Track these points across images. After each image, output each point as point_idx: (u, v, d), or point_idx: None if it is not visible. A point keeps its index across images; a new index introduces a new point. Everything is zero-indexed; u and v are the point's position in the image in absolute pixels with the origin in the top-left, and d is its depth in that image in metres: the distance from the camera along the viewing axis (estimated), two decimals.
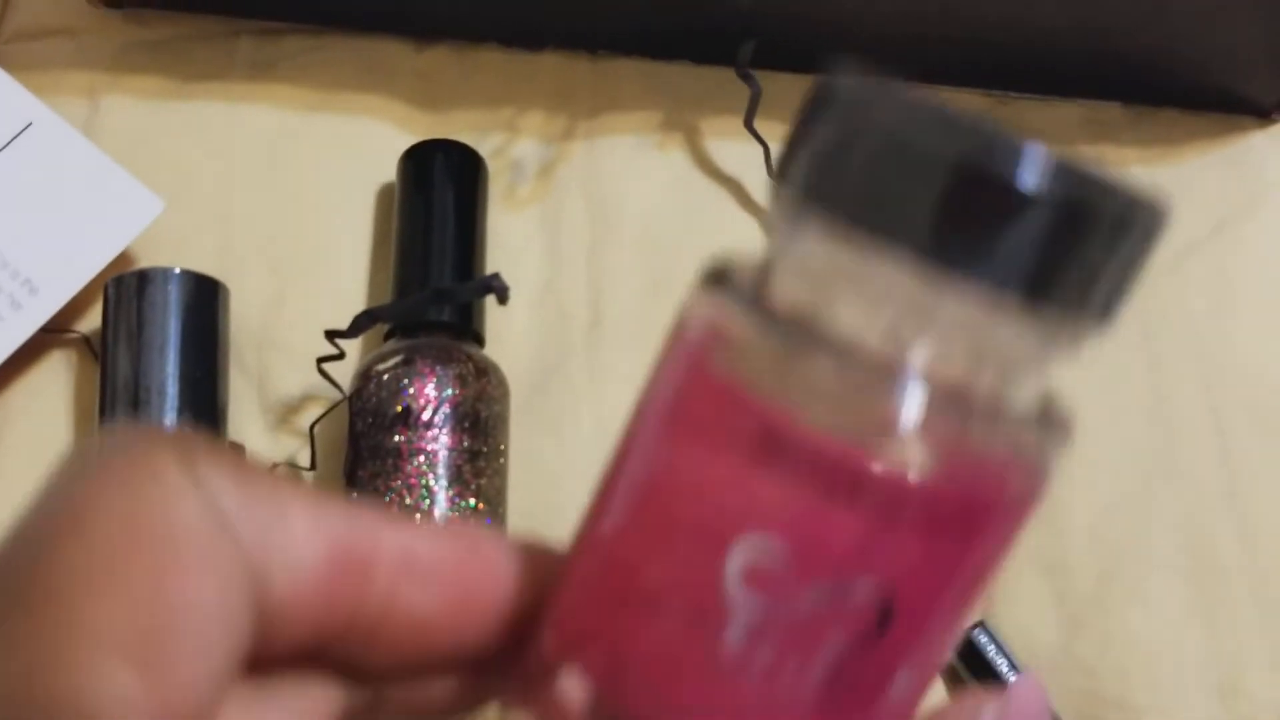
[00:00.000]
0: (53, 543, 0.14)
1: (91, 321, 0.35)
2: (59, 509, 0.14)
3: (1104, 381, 0.37)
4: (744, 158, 0.39)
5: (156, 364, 0.32)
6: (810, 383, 0.14)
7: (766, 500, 0.14)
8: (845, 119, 0.15)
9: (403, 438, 0.31)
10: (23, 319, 0.33)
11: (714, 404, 0.15)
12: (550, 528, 0.33)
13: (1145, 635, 0.33)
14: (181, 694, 0.14)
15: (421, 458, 0.31)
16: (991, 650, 0.32)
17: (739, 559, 0.15)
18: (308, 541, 0.16)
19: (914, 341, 0.14)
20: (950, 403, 0.14)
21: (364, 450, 0.32)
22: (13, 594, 0.14)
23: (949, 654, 0.16)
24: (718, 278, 0.15)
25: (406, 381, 0.32)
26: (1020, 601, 0.34)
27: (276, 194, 0.38)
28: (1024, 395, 0.15)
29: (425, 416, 0.31)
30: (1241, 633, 0.34)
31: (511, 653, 0.17)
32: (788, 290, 0.15)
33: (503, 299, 0.33)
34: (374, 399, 0.32)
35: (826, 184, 0.14)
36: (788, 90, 0.40)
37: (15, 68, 0.36)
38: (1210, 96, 0.41)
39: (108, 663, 0.13)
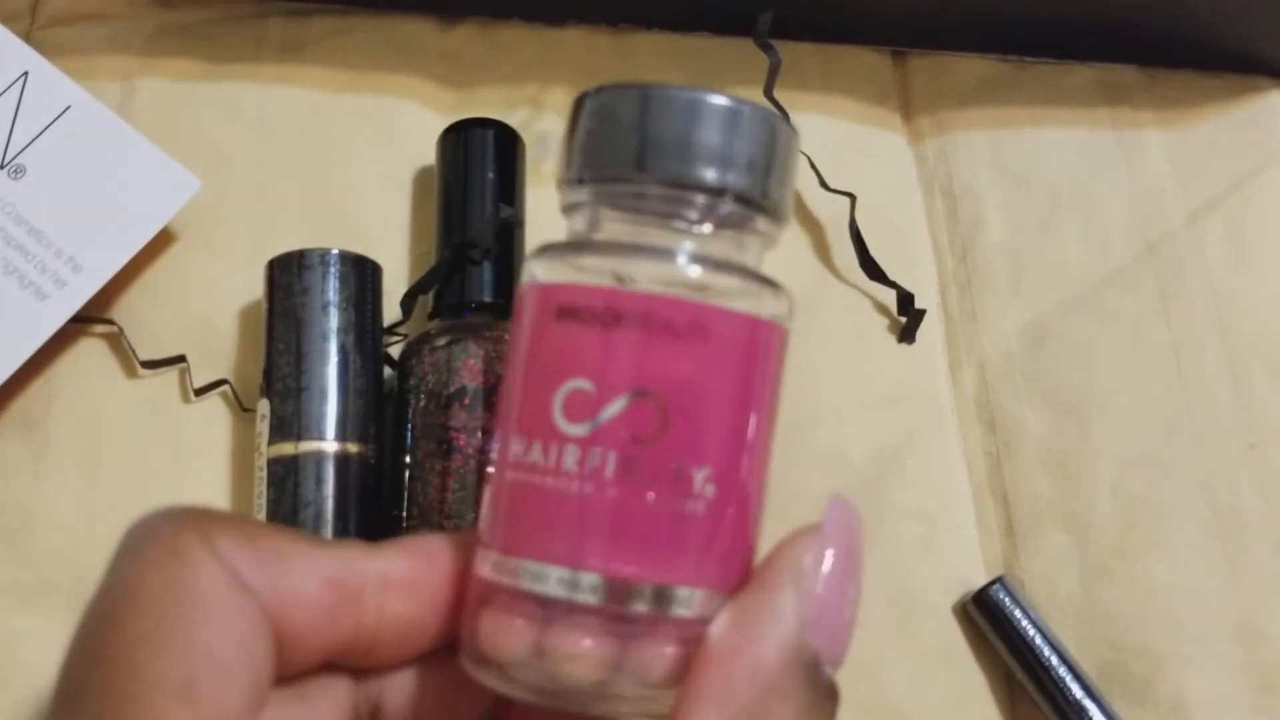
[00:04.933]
0: (113, 614, 0.19)
1: (122, 311, 0.36)
2: (116, 586, 0.20)
3: (1124, 338, 0.37)
4: None
5: (317, 342, 0.33)
6: (589, 266, 0.23)
7: (571, 351, 0.22)
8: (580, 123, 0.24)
9: (458, 419, 0.31)
10: (67, 295, 0.34)
11: (534, 306, 0.23)
12: None
13: (1167, 585, 0.34)
14: (218, 716, 0.19)
15: (477, 437, 0.31)
16: (1009, 605, 0.32)
17: (559, 399, 0.22)
18: (306, 582, 0.21)
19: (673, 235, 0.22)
20: (696, 263, 0.22)
21: (417, 430, 0.32)
22: (91, 654, 0.19)
23: (737, 458, 0.22)
24: (540, 249, 0.24)
25: (458, 362, 0.32)
26: (1044, 555, 0.34)
27: (310, 173, 0.38)
28: (749, 261, 0.23)
29: (479, 396, 0.32)
30: (1263, 580, 0.34)
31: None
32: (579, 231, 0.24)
33: (513, 224, 0.34)
34: (426, 380, 0.32)
35: (585, 163, 0.23)
36: (807, 59, 0.42)
37: (50, 53, 0.37)
38: (1226, 57, 0.42)
39: (165, 702, 0.19)
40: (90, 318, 0.35)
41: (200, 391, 0.35)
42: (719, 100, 0.23)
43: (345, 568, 0.22)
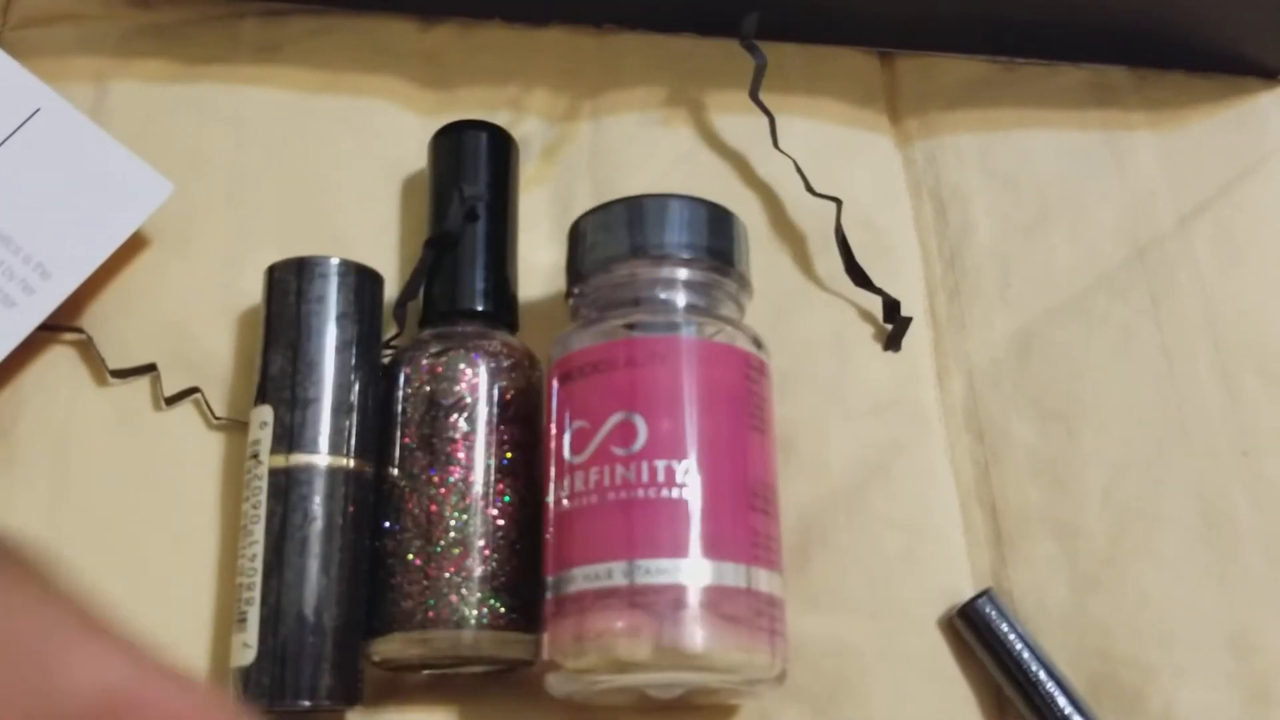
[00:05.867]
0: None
1: (92, 318, 0.35)
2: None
3: (1113, 344, 0.37)
4: (750, 130, 0.39)
5: (329, 353, 0.32)
6: (580, 339, 0.31)
7: (569, 404, 0.30)
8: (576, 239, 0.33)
9: (455, 430, 0.31)
10: (36, 303, 0.33)
11: (546, 383, 0.32)
12: None
13: (1158, 594, 0.33)
14: None
15: (474, 450, 0.31)
16: (996, 618, 0.32)
17: (566, 441, 0.30)
18: (86, 681, 0.17)
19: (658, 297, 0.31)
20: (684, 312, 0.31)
21: (411, 442, 0.31)
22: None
23: (714, 451, 0.29)
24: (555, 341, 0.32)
25: (453, 373, 0.31)
26: (1032, 563, 0.34)
27: (287, 176, 0.38)
28: (729, 314, 0.32)
29: (474, 408, 0.31)
30: (1255, 589, 0.33)
31: None
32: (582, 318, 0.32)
33: (478, 200, 0.34)
34: (420, 390, 0.31)
35: (585, 262, 0.33)
36: (793, 60, 0.41)
37: (21, 54, 0.37)
38: (1216, 58, 0.41)
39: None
40: (59, 326, 0.35)
41: (171, 400, 0.34)
42: (682, 199, 0.32)
43: (136, 680, 0.17)
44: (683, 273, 0.31)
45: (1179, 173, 0.39)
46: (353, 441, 0.31)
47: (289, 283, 0.33)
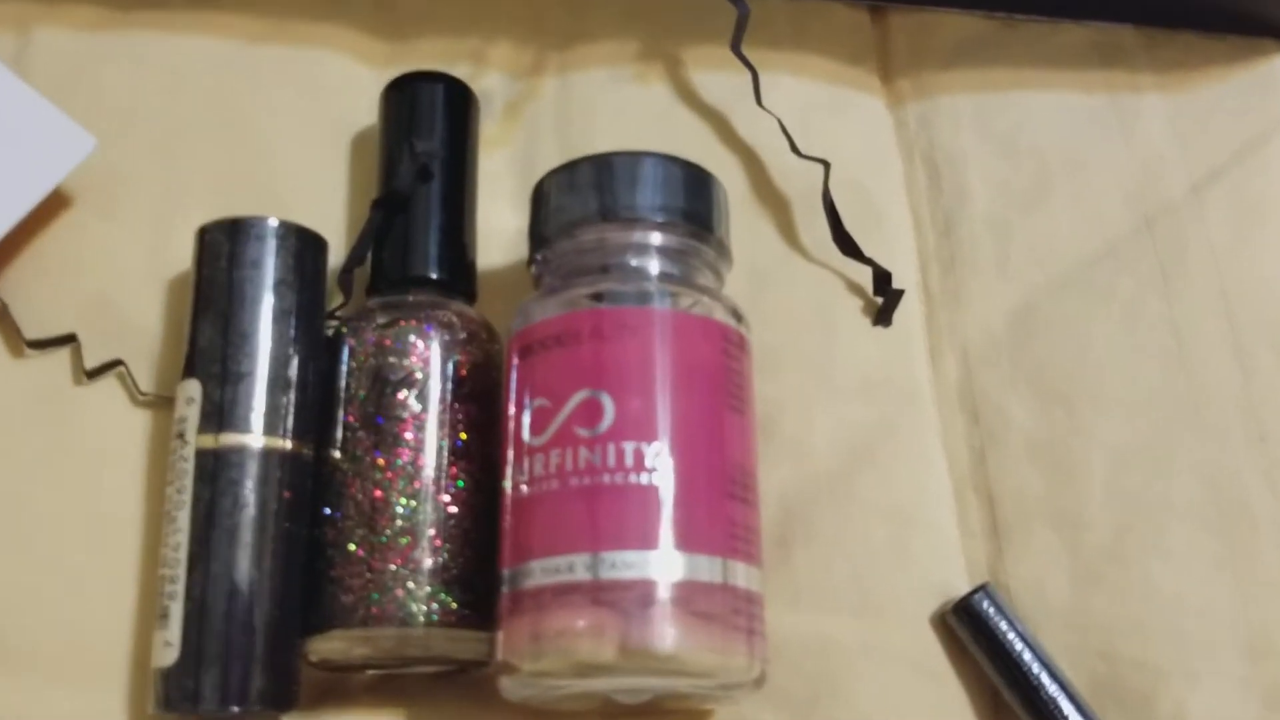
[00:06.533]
0: None
1: (7, 284, 0.33)
2: None
3: (1119, 320, 0.35)
4: (730, 87, 0.38)
5: (266, 323, 0.30)
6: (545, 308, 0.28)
7: (530, 381, 0.28)
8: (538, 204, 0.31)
9: (403, 408, 0.29)
10: None
11: (506, 356, 0.30)
12: None
13: (1167, 590, 0.32)
14: None
15: (424, 430, 0.29)
16: (994, 615, 0.31)
17: (526, 421, 0.28)
18: None
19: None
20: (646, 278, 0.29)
21: (354, 421, 0.29)
22: None
23: (688, 433, 0.27)
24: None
25: (403, 345, 0.30)
26: (1031, 556, 0.33)
27: (224, 131, 0.36)
28: (706, 284, 0.30)
29: (425, 384, 0.29)
30: (1272, 586, 0.32)
31: None
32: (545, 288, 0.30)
33: (432, 158, 0.32)
34: (366, 364, 0.30)
35: (549, 226, 0.30)
36: (779, 14, 0.39)
37: None
38: (1228, 18, 0.40)
39: None
40: None
41: (93, 374, 0.32)
42: (656, 157, 0.30)
43: None
44: (656, 238, 0.29)
45: (1190, 138, 0.38)
46: (290, 421, 0.30)
47: (221, 246, 0.31)
